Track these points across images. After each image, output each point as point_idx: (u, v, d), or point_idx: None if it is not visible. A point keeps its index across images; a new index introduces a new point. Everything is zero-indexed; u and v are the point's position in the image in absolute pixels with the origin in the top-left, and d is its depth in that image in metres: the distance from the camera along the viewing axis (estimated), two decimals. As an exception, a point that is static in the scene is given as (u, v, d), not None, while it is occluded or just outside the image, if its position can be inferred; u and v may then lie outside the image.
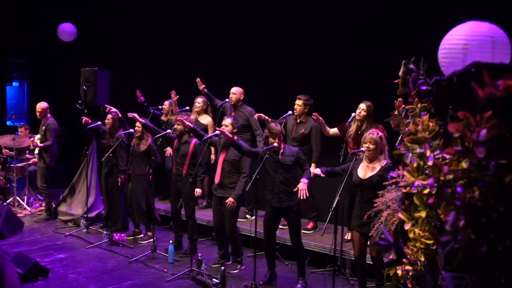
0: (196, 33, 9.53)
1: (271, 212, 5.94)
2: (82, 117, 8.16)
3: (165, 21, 10.10)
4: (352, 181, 5.26)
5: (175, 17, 9.97)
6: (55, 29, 11.08)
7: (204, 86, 7.78)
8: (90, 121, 8.10)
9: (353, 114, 6.31)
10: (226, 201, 6.25)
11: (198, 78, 7.75)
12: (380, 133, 5.27)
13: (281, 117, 6.90)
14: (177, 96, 8.62)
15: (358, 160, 5.35)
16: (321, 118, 6.46)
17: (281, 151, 5.76)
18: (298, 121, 6.83)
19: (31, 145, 9.15)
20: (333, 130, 6.65)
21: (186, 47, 9.64)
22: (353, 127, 6.30)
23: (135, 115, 7.18)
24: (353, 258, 5.82)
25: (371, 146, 5.09)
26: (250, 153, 6.05)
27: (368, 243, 5.20)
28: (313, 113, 6.51)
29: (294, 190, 5.60)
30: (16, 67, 15.32)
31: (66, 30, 10.99)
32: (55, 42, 11.36)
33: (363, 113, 6.17)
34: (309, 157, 6.67)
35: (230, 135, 5.96)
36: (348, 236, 6.39)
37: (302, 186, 5.47)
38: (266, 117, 6.83)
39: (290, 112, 6.88)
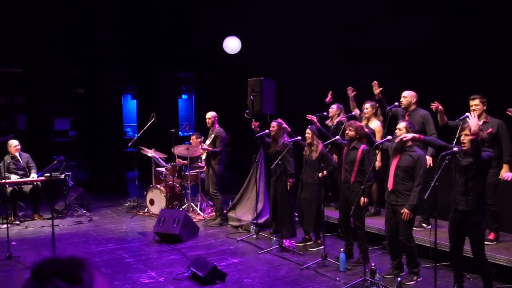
0: (363, 36, 9.35)
1: (456, 217, 5.52)
2: (254, 122, 8.36)
3: (329, 26, 10.06)
4: None
5: (340, 22, 9.88)
6: (221, 43, 11.60)
7: (380, 89, 7.50)
8: (258, 128, 8.28)
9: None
10: (401, 211, 5.96)
11: (375, 81, 7.50)
12: None
13: (457, 119, 6.44)
14: (354, 92, 8.35)
15: None
16: (441, 106, 6.16)
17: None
18: (481, 122, 6.32)
19: (201, 147, 9.53)
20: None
21: (353, 52, 9.50)
22: None
23: (314, 117, 7.24)
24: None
25: None
26: (443, 148, 5.67)
27: None
28: (433, 103, 6.26)
29: None
30: (184, 81, 16.43)
31: (231, 43, 11.44)
32: (220, 55, 11.90)
33: None
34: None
35: (413, 134, 5.74)
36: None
37: None
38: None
39: (467, 114, 6.39)
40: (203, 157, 9.50)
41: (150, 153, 10.28)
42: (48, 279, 1.09)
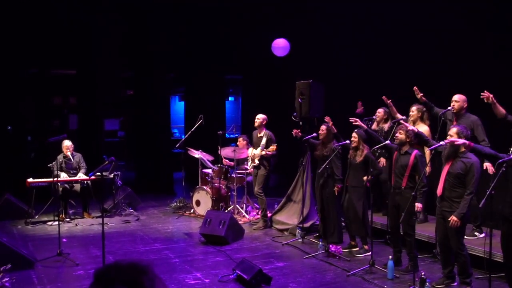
0: (411, 39, 9.16)
1: (509, 228, 5.31)
2: (294, 130, 8.31)
3: (376, 29, 9.92)
4: None
5: (386, 24, 9.72)
6: (269, 45, 11.57)
7: (422, 94, 7.38)
8: (300, 134, 8.21)
9: None
10: (449, 219, 5.77)
11: (415, 87, 7.38)
12: None
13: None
14: (390, 100, 8.17)
15: None
16: (492, 96, 6.00)
17: None
18: None
19: (265, 153, 9.45)
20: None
21: (400, 55, 9.32)
22: None
23: (358, 120, 7.15)
24: None
25: None
26: (492, 157, 5.48)
27: None
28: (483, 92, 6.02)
29: None
30: (232, 83, 16.50)
31: (280, 45, 11.39)
32: (269, 57, 11.87)
33: None
34: None
35: (464, 141, 5.55)
36: None
37: None
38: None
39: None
40: (255, 161, 9.43)
41: (197, 154, 10.34)
42: (112, 284, 1.12)
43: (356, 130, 7.51)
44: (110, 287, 1.11)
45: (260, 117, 9.41)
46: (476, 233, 6.97)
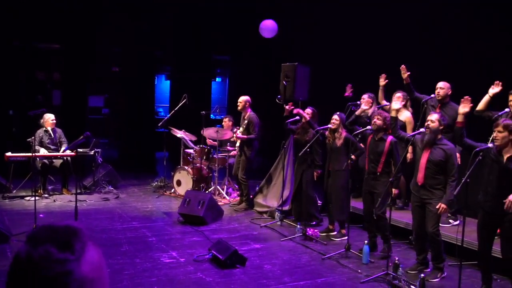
0: (396, 23, 9.10)
1: (484, 217, 5.33)
2: (289, 103, 8.19)
3: (364, 12, 9.83)
4: None
5: (374, 8, 9.65)
6: (257, 27, 11.45)
7: (408, 74, 7.24)
8: (293, 107, 8.09)
9: None
10: (437, 206, 5.77)
11: (403, 66, 7.25)
12: None
13: (496, 115, 6.17)
14: (386, 81, 8.07)
15: None
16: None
17: (509, 155, 5.09)
18: None
19: (234, 137, 9.50)
20: None
21: (388, 41, 9.26)
22: None
23: (300, 110, 7.11)
24: None
25: None
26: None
27: None
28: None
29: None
30: (219, 63, 16.37)
31: (268, 27, 11.28)
32: (256, 39, 11.75)
33: None
34: None
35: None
36: None
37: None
38: None
39: (507, 109, 6.13)
40: (237, 144, 9.41)
41: (179, 134, 10.27)
42: (42, 243, 1.13)
43: (338, 112, 7.48)
44: (40, 246, 1.12)
45: (242, 100, 9.29)
46: (450, 220, 7.01)
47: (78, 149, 9.44)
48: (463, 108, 5.54)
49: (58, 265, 1.11)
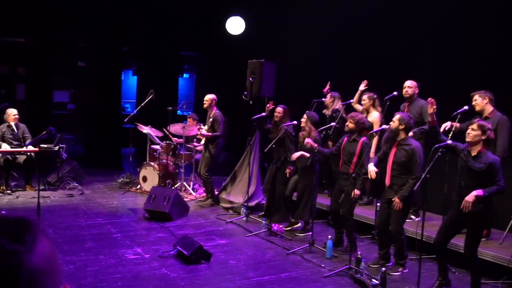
0: (362, 23, 9.19)
1: (452, 214, 5.45)
2: (270, 102, 8.21)
3: (331, 7, 9.89)
4: None
5: (340, 2, 9.71)
6: (224, 23, 11.45)
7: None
8: (272, 106, 8.16)
9: None
10: (393, 199, 5.92)
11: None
12: None
13: (455, 112, 6.33)
14: (366, 87, 7.95)
15: None
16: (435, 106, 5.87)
17: (475, 154, 5.20)
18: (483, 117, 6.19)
19: (199, 134, 9.49)
20: None
21: (353, 39, 9.36)
22: None
23: (310, 140, 7.07)
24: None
25: None
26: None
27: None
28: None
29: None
30: (186, 59, 16.31)
31: (235, 23, 11.28)
32: (223, 35, 11.75)
33: None
34: None
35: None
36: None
37: (469, 197, 5.01)
38: None
39: (466, 107, 6.30)
40: (202, 141, 9.41)
41: (145, 129, 10.20)
42: None
43: (307, 111, 7.58)
44: None
45: (208, 98, 9.25)
46: (412, 216, 7.15)
47: (43, 145, 9.31)
48: (429, 109, 5.70)
49: (8, 256, 1.09)
